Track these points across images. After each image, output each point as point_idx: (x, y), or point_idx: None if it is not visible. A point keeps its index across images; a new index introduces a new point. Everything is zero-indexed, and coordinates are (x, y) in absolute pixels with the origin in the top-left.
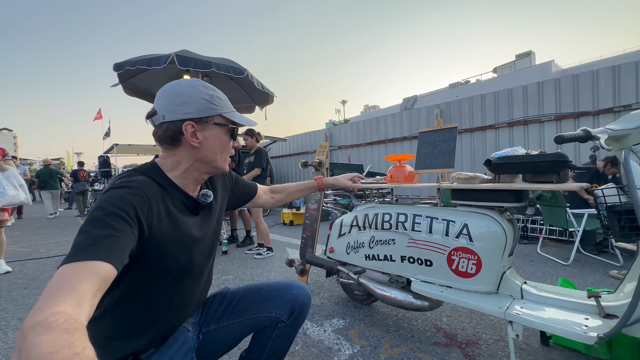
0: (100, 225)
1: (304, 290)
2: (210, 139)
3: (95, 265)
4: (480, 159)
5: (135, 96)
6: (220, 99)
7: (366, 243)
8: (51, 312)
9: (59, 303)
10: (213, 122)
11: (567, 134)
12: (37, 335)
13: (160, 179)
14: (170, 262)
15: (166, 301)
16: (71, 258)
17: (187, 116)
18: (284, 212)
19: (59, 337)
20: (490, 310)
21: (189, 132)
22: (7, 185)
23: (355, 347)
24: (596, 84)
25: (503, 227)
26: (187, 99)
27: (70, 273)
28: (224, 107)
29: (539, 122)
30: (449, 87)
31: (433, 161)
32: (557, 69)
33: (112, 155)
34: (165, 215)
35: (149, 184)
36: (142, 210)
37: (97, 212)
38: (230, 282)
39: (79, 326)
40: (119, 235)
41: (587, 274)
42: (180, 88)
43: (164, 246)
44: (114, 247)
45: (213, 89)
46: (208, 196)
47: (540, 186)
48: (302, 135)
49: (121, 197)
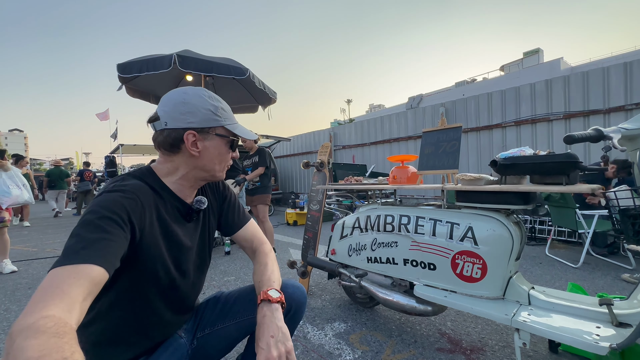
0: (92, 229)
1: (299, 289)
2: (210, 149)
3: (87, 269)
4: (486, 159)
5: (137, 97)
6: (225, 110)
7: (368, 245)
8: (40, 316)
9: (49, 307)
10: (215, 132)
11: (578, 134)
12: (25, 339)
13: (155, 184)
14: (160, 268)
15: (157, 309)
16: (63, 261)
17: (190, 125)
18: (288, 212)
19: (48, 341)
20: (496, 316)
21: (190, 141)
22: (11, 185)
23: (357, 352)
24: (607, 81)
25: (509, 230)
26: (191, 108)
27: (61, 276)
28: (227, 118)
29: (547, 120)
30: (455, 85)
31: (437, 162)
32: (565, 67)
33: (117, 155)
34: (157, 220)
35: (142, 189)
36: (135, 214)
37: (89, 215)
38: (232, 283)
39: (68, 330)
40: (111, 238)
41: (597, 277)
42: (186, 97)
43: (154, 251)
44: (106, 250)
45: (218, 99)
46: (202, 203)
47: (548, 188)
48: (306, 135)
49: (114, 201)
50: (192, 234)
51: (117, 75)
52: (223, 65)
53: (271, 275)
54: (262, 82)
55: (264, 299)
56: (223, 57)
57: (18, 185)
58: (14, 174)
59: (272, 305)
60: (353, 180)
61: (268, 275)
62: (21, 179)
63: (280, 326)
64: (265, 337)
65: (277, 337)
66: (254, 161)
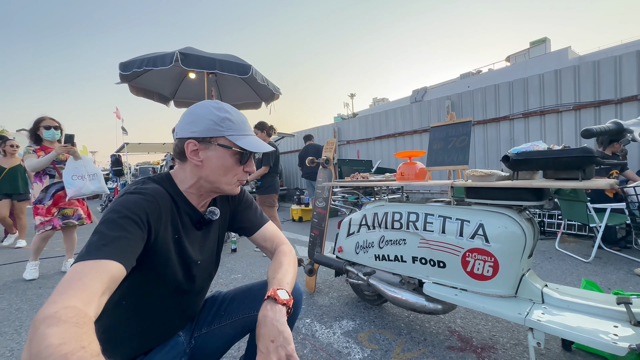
0: (114, 227)
1: (295, 287)
2: (212, 160)
3: (108, 264)
4: (494, 152)
5: (141, 96)
6: (232, 121)
7: (376, 243)
8: (63, 306)
9: (71, 298)
10: (217, 143)
11: (596, 128)
12: (48, 327)
13: (171, 190)
14: (168, 272)
15: (161, 312)
16: (85, 256)
17: (192, 135)
18: (293, 209)
19: (69, 329)
20: (509, 315)
21: (190, 150)
22: (75, 176)
23: (366, 351)
24: (619, 70)
25: (522, 227)
26: (195, 118)
27: (83, 270)
28: (233, 129)
29: (556, 112)
30: (460, 77)
31: (446, 158)
32: (573, 56)
33: (123, 153)
34: (170, 225)
35: (161, 193)
36: (153, 217)
37: (111, 214)
38: (239, 280)
39: (87, 321)
40: (130, 237)
41: (609, 272)
42: (195, 108)
43: (164, 255)
44: (125, 248)
45: (227, 111)
46: (215, 214)
47: (564, 184)
48: (310, 131)
49: (135, 202)
50: (201, 242)
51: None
52: (225, 62)
53: (284, 276)
54: (265, 79)
55: (270, 296)
56: (226, 54)
57: (82, 175)
58: (82, 164)
59: (277, 306)
60: (359, 177)
61: (282, 274)
62: (91, 168)
63: (281, 330)
64: (265, 340)
65: (277, 342)
66: (258, 158)
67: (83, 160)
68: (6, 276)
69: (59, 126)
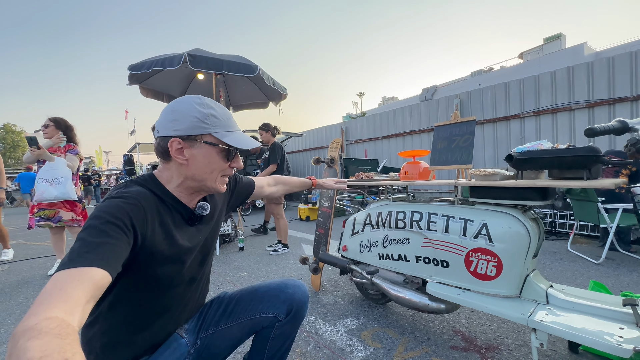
0: (96, 233)
1: (300, 288)
2: (197, 158)
3: (91, 272)
4: (503, 152)
5: (151, 97)
6: (217, 117)
7: (379, 242)
8: (44, 317)
9: (52, 308)
10: (202, 140)
11: (600, 126)
12: (28, 340)
13: (157, 190)
14: (161, 271)
15: (157, 308)
16: (68, 264)
17: (176, 133)
18: (300, 208)
19: (50, 341)
20: (512, 316)
21: (174, 148)
22: (42, 179)
23: (369, 349)
24: (635, 66)
25: (526, 227)
26: (178, 116)
27: (65, 279)
28: (218, 126)
29: (569, 110)
30: (471, 75)
31: (450, 157)
32: (590, 52)
33: (135, 153)
34: (159, 225)
35: (144, 195)
36: (137, 220)
37: (93, 220)
38: (246, 278)
39: (70, 331)
40: (114, 243)
41: (622, 274)
42: (176, 105)
43: (156, 256)
44: (109, 254)
45: (211, 107)
46: (204, 209)
47: (569, 183)
48: (318, 130)
49: (117, 206)
50: (195, 236)
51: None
52: (233, 63)
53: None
54: (271, 79)
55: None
56: (233, 55)
57: (48, 179)
58: (53, 166)
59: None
60: (364, 176)
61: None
62: (60, 171)
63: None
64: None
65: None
66: (265, 157)
67: (56, 162)
68: (24, 271)
69: (49, 125)
